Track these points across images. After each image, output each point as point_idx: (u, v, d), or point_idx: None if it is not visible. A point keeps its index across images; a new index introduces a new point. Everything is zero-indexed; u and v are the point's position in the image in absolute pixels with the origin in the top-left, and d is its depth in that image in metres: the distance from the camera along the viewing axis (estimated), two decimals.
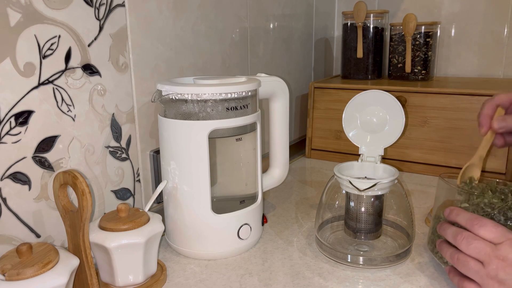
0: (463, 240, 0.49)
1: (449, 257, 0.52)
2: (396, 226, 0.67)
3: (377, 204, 0.62)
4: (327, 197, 0.67)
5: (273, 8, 1.00)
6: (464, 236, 0.49)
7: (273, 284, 0.56)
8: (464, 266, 0.49)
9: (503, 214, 0.52)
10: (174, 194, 0.62)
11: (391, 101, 0.66)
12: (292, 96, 1.13)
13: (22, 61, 0.51)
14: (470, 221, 0.50)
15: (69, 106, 0.57)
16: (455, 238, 0.50)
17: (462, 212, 0.52)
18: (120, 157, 0.66)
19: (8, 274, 0.43)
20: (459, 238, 0.50)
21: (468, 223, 0.50)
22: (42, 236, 0.56)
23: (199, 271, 0.60)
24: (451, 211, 0.53)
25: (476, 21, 1.12)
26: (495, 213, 0.52)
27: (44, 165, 0.55)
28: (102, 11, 0.60)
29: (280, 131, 0.76)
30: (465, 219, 0.51)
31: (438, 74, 1.20)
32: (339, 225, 0.69)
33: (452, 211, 0.53)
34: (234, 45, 0.88)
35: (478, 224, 0.48)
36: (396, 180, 0.62)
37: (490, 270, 0.46)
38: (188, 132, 0.59)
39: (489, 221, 0.48)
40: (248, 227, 0.64)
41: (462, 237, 0.49)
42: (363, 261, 0.60)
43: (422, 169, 0.98)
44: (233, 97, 0.59)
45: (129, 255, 0.53)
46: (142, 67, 0.67)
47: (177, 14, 0.72)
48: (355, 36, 1.12)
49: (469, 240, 0.48)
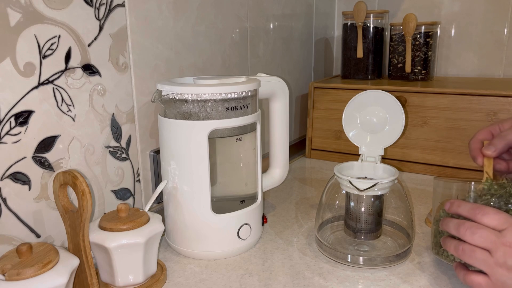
0: (466, 230, 0.48)
1: (453, 250, 0.50)
2: (396, 226, 0.67)
3: (377, 204, 0.62)
4: (327, 197, 0.67)
5: (273, 8, 1.00)
6: (467, 227, 0.48)
7: (273, 284, 0.56)
8: (470, 257, 0.48)
9: (504, 201, 0.51)
10: (174, 194, 0.62)
11: (391, 101, 0.66)
12: (292, 96, 1.13)
13: (22, 61, 0.51)
14: (472, 211, 0.49)
15: (69, 106, 0.57)
16: (458, 229, 0.49)
17: (463, 203, 0.51)
18: (120, 157, 0.66)
19: (8, 274, 0.43)
20: (462, 229, 0.49)
21: (470, 213, 0.49)
22: (42, 236, 0.56)
23: (199, 271, 0.60)
24: (451, 204, 0.53)
25: (476, 21, 1.12)
26: (495, 199, 0.51)
27: (44, 165, 0.55)
28: (102, 11, 0.60)
29: (280, 131, 0.76)
30: (466, 209, 0.50)
31: (438, 74, 1.20)
32: (339, 225, 0.69)
33: (453, 204, 0.52)
34: (234, 45, 0.88)
35: (481, 213, 0.48)
36: (396, 180, 0.62)
37: (498, 257, 0.45)
38: (188, 132, 0.59)
39: (491, 209, 0.48)
40: (248, 227, 0.64)
41: (466, 228, 0.48)
42: (363, 261, 0.60)
43: (422, 169, 0.98)
44: (233, 97, 0.59)
45: (129, 255, 0.53)
46: (142, 67, 0.67)
47: (177, 14, 0.72)
48: (355, 36, 1.12)
49: (473, 230, 0.47)
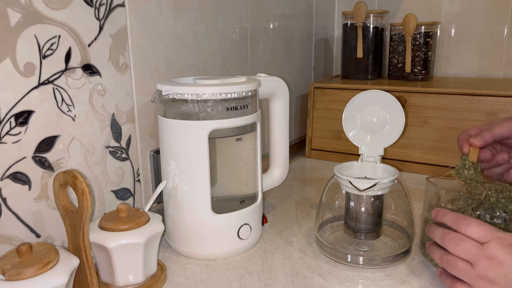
0: (450, 241, 0.49)
1: (439, 259, 0.51)
2: (396, 226, 0.67)
3: (377, 204, 0.62)
4: (327, 197, 0.67)
5: (273, 8, 1.00)
6: (451, 238, 0.49)
7: (273, 284, 0.56)
8: (453, 268, 0.49)
9: (489, 212, 0.52)
10: (174, 194, 0.62)
11: (391, 101, 0.66)
12: (292, 96, 1.13)
13: (22, 61, 0.51)
14: (456, 222, 0.50)
15: (69, 106, 0.57)
16: (443, 239, 0.50)
17: (448, 213, 0.52)
18: (120, 157, 0.66)
19: (8, 274, 0.43)
20: (446, 240, 0.49)
21: (455, 224, 0.50)
22: (42, 236, 0.56)
23: (199, 271, 0.60)
24: (437, 212, 0.53)
25: (476, 21, 1.12)
26: (481, 211, 0.52)
27: (44, 165, 0.55)
28: (102, 11, 0.60)
29: (280, 131, 0.76)
30: (451, 219, 0.50)
31: (438, 74, 1.20)
32: (339, 225, 0.69)
33: (438, 212, 0.53)
34: (234, 45, 0.88)
35: (464, 224, 0.48)
36: (396, 180, 0.62)
37: (479, 270, 0.46)
38: (188, 132, 0.59)
39: (474, 220, 0.48)
40: (248, 227, 0.64)
41: (449, 238, 0.49)
42: (363, 261, 0.60)
43: (422, 169, 0.98)
44: (233, 97, 0.59)
45: (129, 255, 0.53)
46: (142, 67, 0.67)
47: (177, 14, 0.72)
48: (355, 36, 1.12)
49: (456, 241, 0.48)
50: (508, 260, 0.44)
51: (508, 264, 0.44)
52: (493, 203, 0.52)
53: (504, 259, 0.44)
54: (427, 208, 0.59)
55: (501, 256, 0.44)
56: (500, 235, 0.46)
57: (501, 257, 0.44)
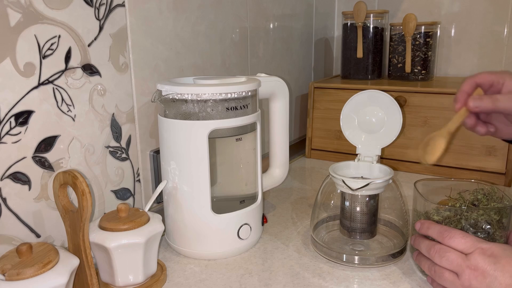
0: (436, 253, 0.50)
1: (427, 270, 0.53)
2: (391, 226, 0.68)
3: (371, 203, 0.62)
4: (323, 197, 0.67)
5: (273, 8, 1.00)
6: (436, 250, 0.50)
7: (273, 284, 0.56)
8: (440, 278, 0.50)
9: (472, 224, 0.52)
10: (174, 194, 0.62)
11: (389, 101, 0.66)
12: (292, 96, 1.13)
13: (22, 61, 0.51)
14: (440, 234, 0.51)
15: (69, 106, 0.57)
16: (429, 252, 0.52)
17: (432, 225, 0.53)
18: (120, 157, 0.66)
19: (8, 274, 0.43)
20: (432, 252, 0.51)
21: (439, 236, 0.51)
22: (42, 236, 0.56)
23: (199, 271, 0.60)
24: (422, 225, 0.54)
25: (476, 21, 1.12)
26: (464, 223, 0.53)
27: (44, 165, 0.55)
28: (102, 11, 0.60)
29: (280, 131, 0.76)
30: (435, 232, 0.52)
31: (438, 74, 1.20)
32: (334, 224, 0.69)
33: (423, 225, 0.54)
34: (234, 45, 0.88)
35: (448, 236, 0.50)
36: (391, 180, 0.62)
37: (463, 280, 0.47)
38: (188, 132, 0.59)
39: (457, 232, 0.50)
40: (248, 227, 0.64)
41: (435, 250, 0.51)
42: (358, 260, 0.60)
43: (422, 169, 0.98)
44: (233, 97, 0.59)
45: (129, 255, 0.53)
46: (142, 67, 0.67)
47: (177, 14, 0.72)
48: (355, 36, 1.12)
49: (441, 253, 0.50)
50: (491, 270, 0.46)
51: (490, 274, 0.45)
52: (477, 216, 0.53)
53: (487, 269, 0.46)
54: (416, 215, 0.59)
55: (483, 266, 0.46)
56: (483, 246, 0.47)
57: (484, 267, 0.46)
